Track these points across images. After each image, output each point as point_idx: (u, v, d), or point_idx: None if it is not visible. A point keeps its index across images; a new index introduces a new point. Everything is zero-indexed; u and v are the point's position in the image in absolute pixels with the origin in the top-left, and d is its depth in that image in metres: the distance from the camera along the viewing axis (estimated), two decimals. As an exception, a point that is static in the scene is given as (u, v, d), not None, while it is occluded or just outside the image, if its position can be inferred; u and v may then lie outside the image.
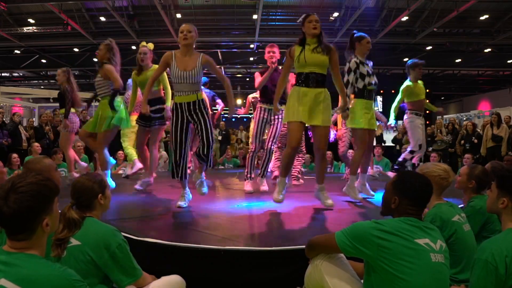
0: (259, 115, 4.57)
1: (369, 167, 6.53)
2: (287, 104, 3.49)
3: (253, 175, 4.66)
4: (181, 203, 3.55)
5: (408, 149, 4.81)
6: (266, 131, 4.73)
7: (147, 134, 4.65)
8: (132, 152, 5.11)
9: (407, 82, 4.78)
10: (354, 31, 4.06)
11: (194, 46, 3.53)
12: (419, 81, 4.80)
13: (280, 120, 4.56)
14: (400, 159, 4.88)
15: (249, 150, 4.73)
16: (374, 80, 3.98)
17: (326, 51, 3.38)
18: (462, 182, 2.69)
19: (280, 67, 4.41)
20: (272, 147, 4.68)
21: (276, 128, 4.62)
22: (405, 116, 4.83)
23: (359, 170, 4.11)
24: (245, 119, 17.06)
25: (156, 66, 3.99)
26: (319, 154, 3.52)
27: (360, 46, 3.96)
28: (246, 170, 4.65)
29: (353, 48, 3.99)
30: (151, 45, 4.56)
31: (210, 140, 3.47)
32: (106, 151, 4.36)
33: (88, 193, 1.91)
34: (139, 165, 4.82)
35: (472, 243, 2.23)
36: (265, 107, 4.57)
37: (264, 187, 4.67)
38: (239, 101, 17.54)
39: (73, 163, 5.31)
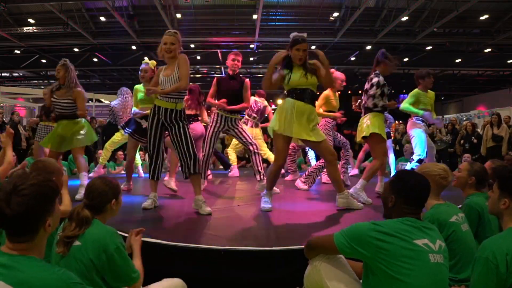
0: (214, 123, 4.51)
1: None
2: (278, 116, 3.40)
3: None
4: (146, 204, 3.51)
5: (416, 158, 4.51)
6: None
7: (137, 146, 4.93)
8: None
9: (417, 90, 4.65)
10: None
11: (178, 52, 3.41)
12: (430, 92, 4.69)
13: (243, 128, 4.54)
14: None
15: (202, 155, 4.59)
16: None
17: (312, 74, 3.37)
18: (462, 178, 2.64)
19: (240, 76, 4.59)
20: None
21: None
22: (409, 124, 4.72)
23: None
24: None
25: None
26: (332, 163, 3.48)
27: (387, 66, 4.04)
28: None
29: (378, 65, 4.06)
30: (153, 63, 4.43)
31: (189, 152, 3.38)
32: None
33: (102, 196, 1.93)
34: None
35: (471, 243, 2.22)
36: (222, 115, 4.51)
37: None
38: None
39: None
